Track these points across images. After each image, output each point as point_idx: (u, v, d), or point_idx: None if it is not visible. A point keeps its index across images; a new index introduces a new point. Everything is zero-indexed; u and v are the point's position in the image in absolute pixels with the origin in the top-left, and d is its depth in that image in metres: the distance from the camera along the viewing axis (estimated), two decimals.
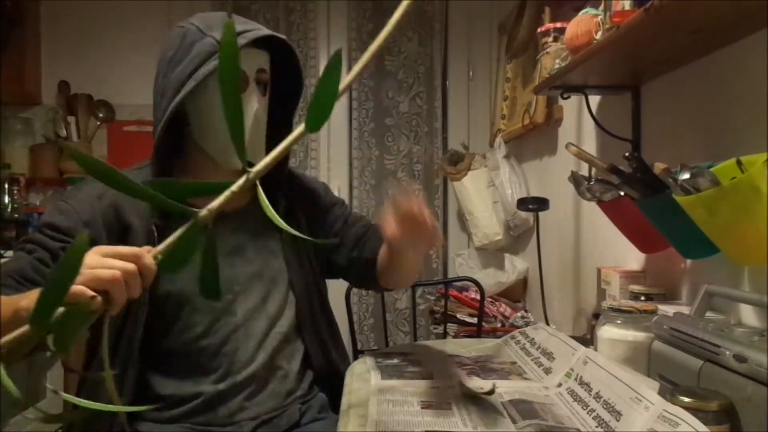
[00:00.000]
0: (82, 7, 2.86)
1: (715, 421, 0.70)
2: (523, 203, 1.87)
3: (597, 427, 0.76)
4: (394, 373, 1.02)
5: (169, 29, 1.12)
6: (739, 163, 0.85)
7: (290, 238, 1.12)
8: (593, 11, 1.25)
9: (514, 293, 2.40)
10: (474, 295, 2.18)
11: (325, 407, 1.15)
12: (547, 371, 0.99)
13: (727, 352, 0.76)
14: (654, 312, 1.00)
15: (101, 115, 2.86)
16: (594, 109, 1.49)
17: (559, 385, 0.92)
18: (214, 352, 1.05)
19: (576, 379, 0.90)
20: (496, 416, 0.82)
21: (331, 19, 2.94)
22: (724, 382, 0.75)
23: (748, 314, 1.03)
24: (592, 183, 1.28)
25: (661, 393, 0.74)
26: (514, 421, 0.79)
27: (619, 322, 1.00)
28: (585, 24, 1.25)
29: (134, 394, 1.01)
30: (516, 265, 2.38)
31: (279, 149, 0.59)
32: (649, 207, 1.09)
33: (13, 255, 0.98)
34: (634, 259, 1.42)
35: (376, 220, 1.15)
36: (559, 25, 1.53)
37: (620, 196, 1.21)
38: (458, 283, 2.22)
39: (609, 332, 1.01)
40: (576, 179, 1.30)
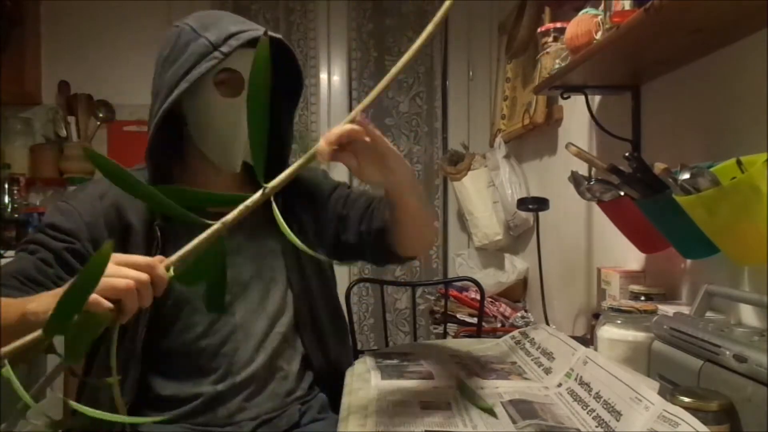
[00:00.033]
0: (82, 7, 2.86)
1: (715, 421, 0.70)
2: (523, 203, 1.87)
3: (597, 427, 0.76)
4: (394, 373, 1.02)
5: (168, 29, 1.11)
6: (739, 163, 0.85)
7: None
8: (593, 11, 1.25)
9: (514, 293, 2.40)
10: (474, 295, 2.18)
11: (325, 407, 1.14)
12: (547, 371, 0.99)
13: (727, 352, 0.76)
14: (654, 312, 1.00)
15: (101, 115, 2.86)
16: (594, 109, 1.49)
17: (559, 385, 0.92)
18: (214, 352, 1.05)
19: (576, 379, 0.90)
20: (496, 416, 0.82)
21: (331, 19, 2.94)
22: (724, 382, 0.75)
23: (748, 314, 1.03)
24: (592, 183, 1.28)
25: (661, 393, 0.74)
26: (514, 421, 0.79)
27: (619, 322, 1.00)
28: (585, 24, 1.25)
29: (135, 395, 1.01)
30: (516, 265, 2.38)
31: (294, 167, 0.60)
32: (649, 207, 1.09)
33: (16, 256, 0.98)
34: (634, 259, 1.42)
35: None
36: (559, 25, 1.53)
37: (620, 196, 1.21)
38: (458, 283, 2.22)
39: (609, 332, 1.01)
40: (576, 179, 1.30)
